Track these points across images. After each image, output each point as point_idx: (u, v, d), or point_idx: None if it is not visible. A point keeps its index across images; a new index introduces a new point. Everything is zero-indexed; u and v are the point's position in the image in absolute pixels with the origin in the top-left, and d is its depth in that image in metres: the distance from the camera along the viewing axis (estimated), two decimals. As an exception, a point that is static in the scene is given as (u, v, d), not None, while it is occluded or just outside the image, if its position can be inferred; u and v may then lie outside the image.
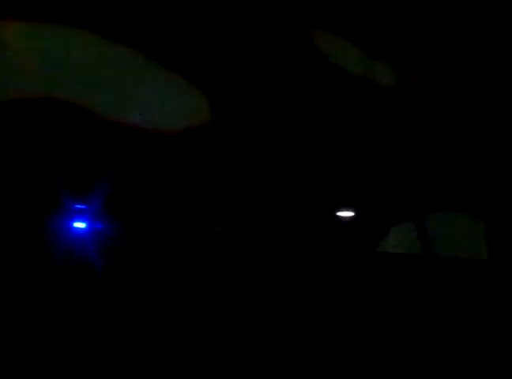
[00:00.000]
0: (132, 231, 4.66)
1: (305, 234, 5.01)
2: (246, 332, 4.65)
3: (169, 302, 4.62)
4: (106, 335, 4.44)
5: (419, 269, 5.00)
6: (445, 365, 4.74)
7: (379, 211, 5.13)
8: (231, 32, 4.62)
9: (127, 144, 4.59)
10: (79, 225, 4.51)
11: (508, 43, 4.85)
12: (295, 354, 4.67)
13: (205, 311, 4.65)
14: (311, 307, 4.81)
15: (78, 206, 4.52)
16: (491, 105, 5.00)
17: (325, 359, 4.70)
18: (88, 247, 4.51)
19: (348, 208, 5.08)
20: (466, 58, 4.89)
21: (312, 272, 4.89)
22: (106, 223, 4.58)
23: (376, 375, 4.69)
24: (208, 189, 4.84)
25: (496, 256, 5.08)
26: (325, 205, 5.05)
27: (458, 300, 4.88)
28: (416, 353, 4.78)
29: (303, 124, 4.90)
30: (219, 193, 4.89)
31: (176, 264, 4.70)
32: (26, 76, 4.26)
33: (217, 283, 4.72)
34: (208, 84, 4.71)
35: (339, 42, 4.72)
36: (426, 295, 4.91)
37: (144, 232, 4.69)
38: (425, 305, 4.89)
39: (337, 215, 5.06)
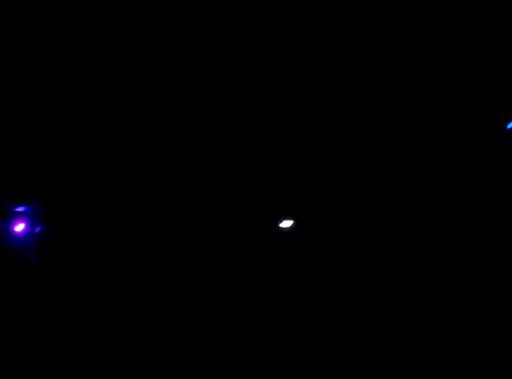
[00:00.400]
0: (69, 233, 4.63)
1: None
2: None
3: (108, 302, 4.61)
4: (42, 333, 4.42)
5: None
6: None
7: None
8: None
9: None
10: (18, 227, 4.45)
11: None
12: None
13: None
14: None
15: (16, 208, 4.46)
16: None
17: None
18: (26, 249, 4.45)
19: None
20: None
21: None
22: (44, 225, 4.52)
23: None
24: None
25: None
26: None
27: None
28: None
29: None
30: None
31: (116, 264, 4.68)
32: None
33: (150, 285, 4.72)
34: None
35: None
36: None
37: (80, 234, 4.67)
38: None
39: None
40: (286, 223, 4.93)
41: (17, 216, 4.34)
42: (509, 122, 5.08)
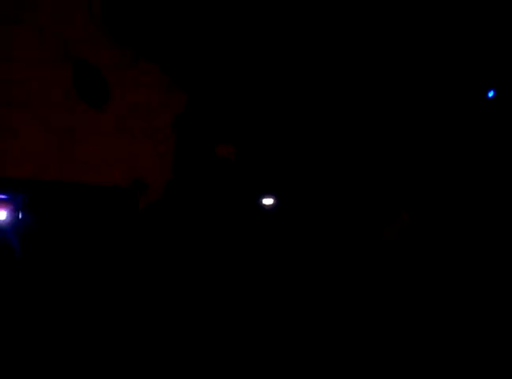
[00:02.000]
0: (56, 221, 4.71)
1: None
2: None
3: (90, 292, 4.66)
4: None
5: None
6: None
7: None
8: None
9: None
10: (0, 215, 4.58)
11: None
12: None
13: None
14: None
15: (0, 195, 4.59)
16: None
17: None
18: (8, 237, 4.58)
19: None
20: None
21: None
22: (27, 213, 4.64)
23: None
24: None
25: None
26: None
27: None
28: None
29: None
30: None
31: (98, 255, 4.72)
32: None
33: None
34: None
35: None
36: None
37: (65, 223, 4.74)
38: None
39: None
40: (267, 201, 4.96)
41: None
42: (489, 91, 5.04)
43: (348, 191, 5.18)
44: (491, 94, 4.99)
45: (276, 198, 5.09)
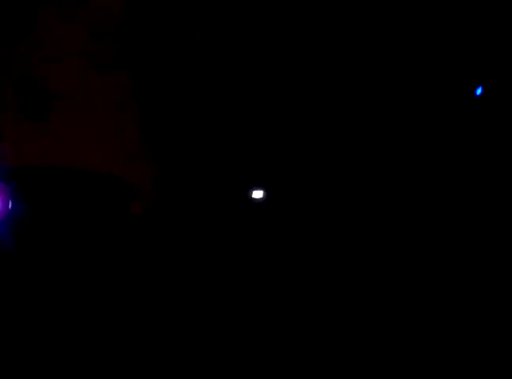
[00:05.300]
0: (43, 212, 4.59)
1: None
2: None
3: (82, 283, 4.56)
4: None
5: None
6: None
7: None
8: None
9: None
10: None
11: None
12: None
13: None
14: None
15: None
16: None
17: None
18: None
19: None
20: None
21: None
22: (19, 203, 4.50)
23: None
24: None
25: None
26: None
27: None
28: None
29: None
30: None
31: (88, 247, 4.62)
32: None
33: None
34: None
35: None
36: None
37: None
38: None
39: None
40: (257, 194, 4.95)
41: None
42: (477, 88, 5.12)
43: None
44: (478, 91, 5.07)
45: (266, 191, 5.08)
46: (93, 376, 4.26)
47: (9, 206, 4.40)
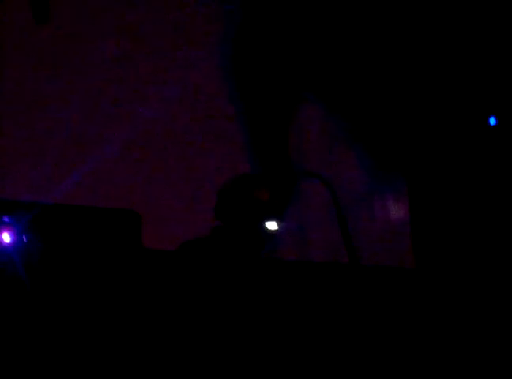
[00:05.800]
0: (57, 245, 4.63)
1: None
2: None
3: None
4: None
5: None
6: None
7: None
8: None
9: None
10: (5, 238, 4.47)
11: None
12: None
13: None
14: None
15: (5, 218, 4.49)
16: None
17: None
18: (13, 260, 4.47)
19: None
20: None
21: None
22: (32, 237, 4.54)
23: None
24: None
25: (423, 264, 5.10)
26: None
27: (384, 310, 4.88)
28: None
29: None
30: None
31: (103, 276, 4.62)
32: None
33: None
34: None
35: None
36: (352, 306, 4.91)
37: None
38: (350, 315, 4.89)
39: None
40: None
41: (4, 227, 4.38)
42: (490, 117, 5.12)
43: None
44: (492, 121, 5.06)
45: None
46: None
47: (24, 239, 4.47)
